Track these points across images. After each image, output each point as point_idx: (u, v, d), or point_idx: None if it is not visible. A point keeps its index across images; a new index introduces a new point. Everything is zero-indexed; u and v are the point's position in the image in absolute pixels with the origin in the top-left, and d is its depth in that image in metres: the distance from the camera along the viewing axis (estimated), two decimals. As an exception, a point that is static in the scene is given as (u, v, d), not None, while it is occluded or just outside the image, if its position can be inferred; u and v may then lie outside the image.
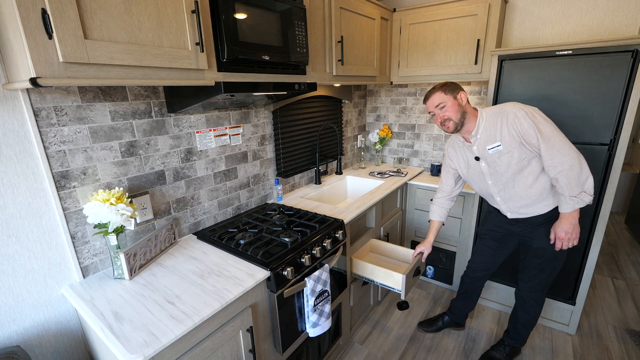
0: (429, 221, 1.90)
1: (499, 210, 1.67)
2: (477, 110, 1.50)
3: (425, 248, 1.80)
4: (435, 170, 2.54)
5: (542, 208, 1.50)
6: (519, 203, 1.53)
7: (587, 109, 1.70)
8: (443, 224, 1.84)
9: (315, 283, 1.38)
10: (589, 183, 1.34)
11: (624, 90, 1.59)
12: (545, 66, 1.75)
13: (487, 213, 1.83)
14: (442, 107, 1.47)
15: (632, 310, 2.26)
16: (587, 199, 1.34)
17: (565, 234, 1.42)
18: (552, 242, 1.50)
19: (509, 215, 1.61)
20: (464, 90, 1.48)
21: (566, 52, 1.68)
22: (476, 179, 1.62)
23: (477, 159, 1.55)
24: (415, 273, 1.77)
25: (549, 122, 1.35)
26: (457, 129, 1.49)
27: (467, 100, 1.49)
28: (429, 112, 1.53)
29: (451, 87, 1.47)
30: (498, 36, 2.05)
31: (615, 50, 1.57)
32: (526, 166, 1.44)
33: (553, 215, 1.49)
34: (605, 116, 1.66)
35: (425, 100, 1.54)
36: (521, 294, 1.71)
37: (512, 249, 1.76)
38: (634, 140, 4.30)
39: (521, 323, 1.75)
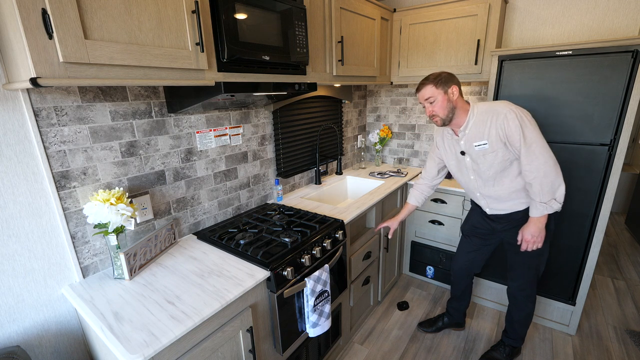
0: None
1: (480, 208, 1.71)
2: (469, 104, 1.49)
3: (391, 224, 1.85)
4: (436, 171, 2.54)
5: (517, 205, 1.54)
6: (495, 200, 1.57)
7: (587, 109, 1.69)
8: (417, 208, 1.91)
9: (315, 283, 1.38)
10: (561, 191, 1.38)
11: (624, 90, 1.59)
12: (545, 66, 1.75)
13: (470, 211, 1.85)
14: (432, 102, 1.45)
15: (633, 310, 2.26)
16: (556, 206, 1.38)
17: (531, 237, 1.46)
18: (518, 242, 1.54)
19: (488, 211, 1.65)
20: (457, 84, 1.44)
21: (566, 53, 1.68)
22: (461, 172, 1.64)
23: (462, 153, 1.56)
24: None
25: (535, 128, 1.37)
26: (445, 124, 1.49)
27: (460, 93, 1.46)
28: (420, 103, 1.52)
29: (444, 80, 1.43)
30: (498, 36, 2.05)
31: (615, 51, 1.57)
32: (508, 167, 1.47)
33: None
34: (605, 116, 1.66)
35: (417, 90, 1.50)
36: (512, 292, 1.73)
37: (495, 246, 1.80)
38: (634, 141, 4.30)
39: (516, 321, 1.76)
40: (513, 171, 1.47)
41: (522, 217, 1.54)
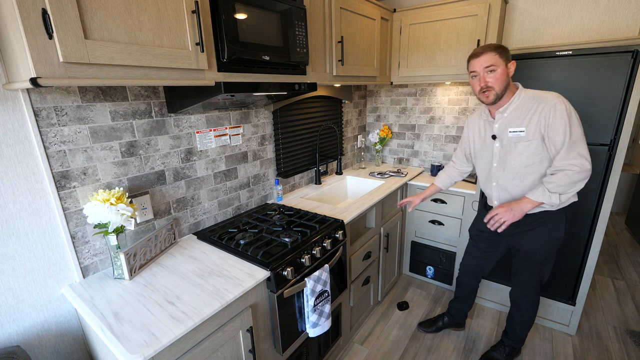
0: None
1: (487, 208, 1.69)
2: (516, 88, 1.41)
3: (414, 199, 1.82)
4: (435, 171, 2.53)
5: None
6: (509, 194, 1.54)
7: (587, 109, 1.69)
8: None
9: (315, 283, 1.38)
10: (569, 195, 1.35)
11: (624, 90, 1.59)
12: (545, 66, 1.75)
13: (478, 213, 1.84)
14: (492, 71, 1.32)
15: (633, 310, 2.26)
16: (555, 202, 1.34)
17: (504, 211, 1.41)
18: (486, 219, 1.50)
19: (495, 204, 1.62)
20: (514, 61, 1.36)
21: (566, 53, 1.68)
22: (483, 157, 1.59)
23: (493, 137, 1.50)
24: None
25: (581, 126, 1.32)
26: (495, 101, 1.38)
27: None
28: (471, 72, 1.38)
29: (507, 52, 1.32)
30: (498, 37, 2.04)
31: (615, 51, 1.57)
32: (534, 164, 1.41)
33: (541, 218, 1.48)
34: (605, 116, 1.66)
35: (472, 57, 1.36)
36: (515, 296, 1.72)
37: (502, 251, 1.77)
38: (634, 141, 4.30)
39: (517, 324, 1.75)
40: (538, 171, 1.41)
41: (530, 221, 1.50)
